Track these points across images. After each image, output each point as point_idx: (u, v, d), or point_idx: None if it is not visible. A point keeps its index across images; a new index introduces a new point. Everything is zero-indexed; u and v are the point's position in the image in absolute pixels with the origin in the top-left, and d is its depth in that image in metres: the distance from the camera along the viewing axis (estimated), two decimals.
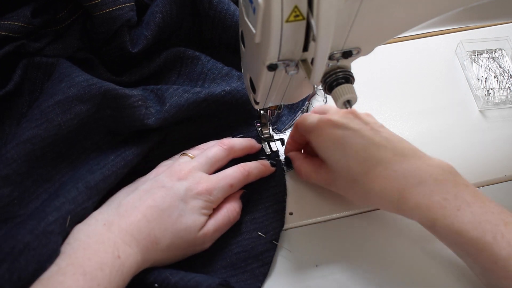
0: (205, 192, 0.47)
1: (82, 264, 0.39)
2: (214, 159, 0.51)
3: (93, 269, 0.39)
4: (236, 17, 0.59)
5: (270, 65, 0.38)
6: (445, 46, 0.68)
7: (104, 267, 0.40)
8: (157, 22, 0.57)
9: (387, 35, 0.41)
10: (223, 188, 0.49)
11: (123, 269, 0.41)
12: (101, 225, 0.43)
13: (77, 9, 0.57)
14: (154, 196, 0.45)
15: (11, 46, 0.52)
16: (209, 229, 0.47)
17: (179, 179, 0.47)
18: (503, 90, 0.63)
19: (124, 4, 0.55)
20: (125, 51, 0.56)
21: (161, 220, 0.44)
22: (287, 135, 0.58)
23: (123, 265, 0.41)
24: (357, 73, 0.42)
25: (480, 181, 0.57)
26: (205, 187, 0.47)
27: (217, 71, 0.58)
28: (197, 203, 0.47)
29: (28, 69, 0.53)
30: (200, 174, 0.48)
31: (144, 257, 0.43)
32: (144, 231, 0.43)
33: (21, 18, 0.52)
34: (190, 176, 0.48)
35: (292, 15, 0.34)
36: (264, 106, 0.50)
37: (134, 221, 0.43)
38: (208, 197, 0.47)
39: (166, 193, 0.46)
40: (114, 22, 0.55)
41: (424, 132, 0.61)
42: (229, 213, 0.50)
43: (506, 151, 0.59)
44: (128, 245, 0.42)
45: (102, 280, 0.39)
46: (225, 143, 0.52)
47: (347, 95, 0.40)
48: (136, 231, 0.43)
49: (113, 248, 0.41)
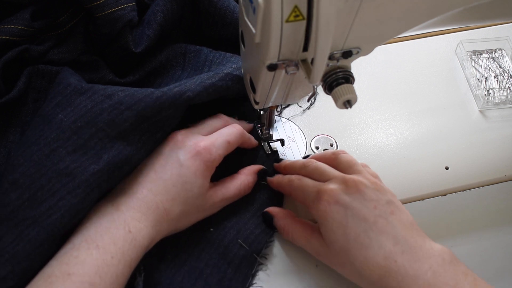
0: (203, 151, 0.47)
1: (95, 239, 0.41)
2: (211, 125, 0.51)
3: (106, 244, 0.41)
4: (236, 14, 0.59)
5: (270, 65, 0.38)
6: (445, 46, 0.68)
7: (117, 241, 0.41)
8: (159, 21, 0.57)
9: (387, 35, 0.41)
10: (222, 145, 0.48)
11: (135, 243, 0.42)
12: (110, 206, 0.44)
13: (78, 13, 0.57)
14: (154, 167, 0.46)
15: (14, 52, 0.51)
16: (217, 197, 0.48)
17: (175, 145, 0.47)
18: (503, 90, 0.63)
19: (126, 4, 0.55)
20: (128, 51, 0.56)
21: (167, 191, 0.45)
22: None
23: (135, 239, 0.42)
24: (357, 73, 0.42)
25: (480, 181, 0.57)
26: (203, 145, 0.47)
27: (221, 56, 0.57)
28: (199, 165, 0.46)
29: (33, 77, 0.53)
30: (196, 136, 0.48)
31: (156, 230, 0.44)
32: (152, 205, 0.44)
33: (20, 21, 0.52)
34: (186, 139, 0.47)
35: (292, 15, 0.34)
36: (264, 106, 0.50)
37: (140, 197, 0.44)
38: (208, 156, 0.47)
39: (165, 161, 0.46)
40: (116, 23, 0.55)
41: (424, 132, 0.61)
42: (241, 185, 0.50)
43: (506, 151, 0.59)
44: (138, 221, 0.43)
45: (115, 253, 0.40)
46: (222, 116, 0.53)
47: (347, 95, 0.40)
48: (144, 206, 0.44)
49: (124, 225, 0.42)
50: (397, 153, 0.59)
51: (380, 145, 0.60)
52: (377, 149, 0.59)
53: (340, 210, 0.45)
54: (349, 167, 0.49)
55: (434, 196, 0.56)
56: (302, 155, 0.58)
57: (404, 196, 0.56)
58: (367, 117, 0.62)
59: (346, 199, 0.45)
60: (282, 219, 0.51)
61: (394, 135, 0.60)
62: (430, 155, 0.59)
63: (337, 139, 0.60)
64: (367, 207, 0.45)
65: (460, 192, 0.57)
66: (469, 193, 0.56)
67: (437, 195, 0.56)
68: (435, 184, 0.57)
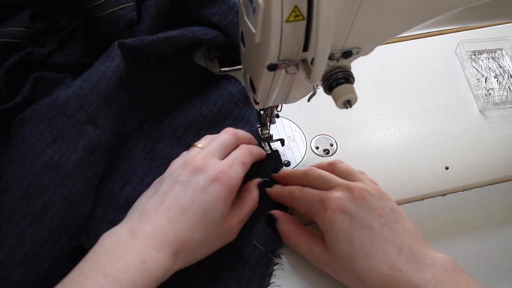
0: (224, 176, 0.45)
1: (105, 267, 0.39)
2: (225, 144, 0.50)
3: (116, 272, 0.39)
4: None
5: (270, 65, 0.38)
6: (445, 46, 0.68)
7: (128, 270, 0.39)
8: (152, 16, 0.57)
9: (387, 35, 0.41)
10: (239, 167, 0.48)
11: (148, 273, 0.40)
12: (126, 233, 0.42)
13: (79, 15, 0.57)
14: (174, 194, 0.44)
15: (17, 56, 0.51)
16: (234, 221, 0.47)
17: (195, 170, 0.45)
18: (503, 90, 0.63)
19: (126, 4, 0.55)
20: None
21: (187, 219, 0.43)
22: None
23: (148, 269, 0.40)
24: (357, 73, 0.42)
25: (480, 181, 0.57)
26: (223, 170, 0.46)
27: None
28: (220, 191, 0.45)
29: (38, 84, 0.53)
30: (215, 160, 0.47)
31: (174, 260, 0.42)
32: (171, 234, 0.42)
33: (19, 23, 0.52)
34: (205, 164, 0.46)
35: (292, 15, 0.34)
36: (264, 106, 0.50)
37: (159, 225, 0.42)
38: (229, 181, 0.45)
39: (185, 188, 0.44)
40: (117, 22, 0.55)
41: (424, 132, 0.61)
42: (251, 202, 0.50)
43: (506, 151, 0.59)
44: (155, 250, 0.41)
45: (125, 282, 0.38)
46: (230, 130, 0.52)
47: (347, 95, 0.40)
48: (162, 235, 0.42)
49: (139, 254, 0.40)
50: (397, 153, 0.59)
51: (380, 145, 0.60)
52: (377, 149, 0.59)
53: (346, 219, 0.44)
54: (348, 175, 0.49)
55: (434, 196, 0.56)
56: (302, 155, 0.58)
57: (404, 196, 0.56)
58: (367, 117, 0.62)
59: (351, 207, 0.45)
60: (285, 224, 0.50)
61: (394, 135, 0.60)
62: (430, 155, 0.59)
63: (337, 139, 0.60)
64: (373, 215, 0.44)
65: (460, 192, 0.57)
66: (469, 193, 0.56)
67: (437, 195, 0.56)
68: (435, 184, 0.57)
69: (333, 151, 0.59)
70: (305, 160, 0.58)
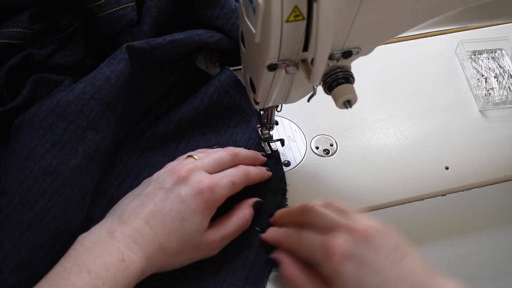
0: (207, 189, 0.45)
1: (87, 264, 0.39)
2: (218, 161, 0.49)
3: (98, 269, 0.39)
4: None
5: (270, 65, 0.38)
6: (445, 46, 0.68)
7: (109, 267, 0.40)
8: (153, 17, 0.57)
9: (387, 35, 0.41)
10: (226, 185, 0.47)
11: (128, 272, 0.40)
12: (105, 233, 0.42)
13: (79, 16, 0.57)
14: (155, 199, 0.45)
15: (18, 58, 0.51)
16: (215, 236, 0.47)
17: (179, 179, 0.46)
18: (503, 90, 0.63)
19: (127, 4, 0.55)
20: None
21: (164, 225, 0.44)
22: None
23: (128, 268, 0.41)
24: (357, 73, 0.42)
25: (480, 181, 0.57)
26: (207, 184, 0.46)
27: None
28: (199, 204, 0.45)
29: (38, 85, 0.53)
30: (201, 173, 0.47)
31: (149, 263, 0.43)
32: (147, 237, 0.43)
33: (19, 24, 0.52)
34: (191, 175, 0.46)
35: (292, 15, 0.34)
36: (264, 106, 0.50)
37: (136, 228, 0.43)
38: (210, 195, 0.46)
39: (167, 195, 0.45)
40: (118, 22, 0.55)
41: (424, 132, 0.61)
42: (239, 220, 0.49)
43: (506, 151, 0.59)
44: (132, 251, 0.42)
45: (107, 279, 0.39)
46: (230, 149, 0.52)
47: (347, 95, 0.40)
48: (139, 237, 0.42)
49: (117, 253, 0.41)
50: (397, 153, 0.59)
51: (380, 145, 0.60)
52: (377, 149, 0.59)
53: (353, 266, 0.42)
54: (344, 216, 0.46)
55: (434, 196, 0.56)
56: (302, 155, 0.58)
57: (404, 196, 0.56)
58: (367, 117, 0.62)
59: (356, 252, 0.42)
60: (290, 269, 0.47)
61: (394, 135, 0.60)
62: (430, 155, 0.59)
63: (337, 139, 0.60)
64: (379, 256, 0.42)
65: (460, 192, 0.56)
66: (469, 193, 0.56)
67: (437, 195, 0.56)
68: (435, 184, 0.57)
69: (333, 151, 0.59)
70: (305, 160, 0.58)
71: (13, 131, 0.47)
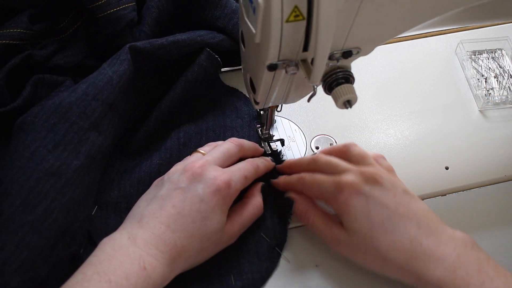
0: (224, 185, 0.45)
1: (108, 273, 0.39)
2: (227, 154, 0.50)
3: (119, 278, 0.39)
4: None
5: (270, 65, 0.38)
6: (445, 46, 0.68)
7: (130, 276, 0.39)
8: (154, 17, 0.57)
9: (387, 35, 0.41)
10: (240, 180, 0.47)
11: (149, 280, 0.40)
12: (126, 239, 0.42)
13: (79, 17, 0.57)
14: (173, 201, 0.44)
15: (18, 59, 0.51)
16: (235, 228, 0.47)
17: (194, 177, 0.45)
18: (503, 90, 0.63)
19: (127, 4, 0.55)
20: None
21: (186, 228, 0.43)
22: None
23: (149, 276, 0.40)
24: (357, 73, 0.42)
25: (480, 181, 0.57)
26: (223, 180, 0.45)
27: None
28: (218, 201, 0.45)
29: (38, 86, 0.53)
30: (215, 168, 0.47)
31: (172, 268, 0.42)
32: (169, 242, 0.42)
33: (19, 24, 0.52)
34: (205, 171, 0.46)
35: (292, 15, 0.34)
36: (264, 106, 0.50)
37: (158, 233, 0.42)
38: (227, 191, 0.46)
39: (184, 196, 0.44)
40: (118, 23, 0.55)
41: (424, 132, 0.61)
42: (254, 209, 0.50)
43: (506, 151, 0.59)
44: (154, 258, 0.41)
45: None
46: (235, 140, 0.52)
47: (347, 95, 0.40)
48: (161, 243, 0.42)
49: (139, 260, 0.40)
50: (397, 153, 0.59)
51: (380, 145, 0.60)
52: (377, 149, 0.59)
53: (362, 199, 0.45)
54: (361, 159, 0.49)
55: (434, 196, 0.56)
56: (302, 155, 0.58)
57: None
58: (367, 117, 0.62)
59: (365, 189, 0.45)
60: (303, 205, 0.50)
61: (394, 135, 0.60)
62: (430, 155, 0.59)
63: (337, 139, 0.60)
64: (387, 195, 0.45)
65: (460, 192, 0.57)
66: (469, 193, 0.56)
67: (437, 195, 0.56)
68: (435, 184, 0.57)
69: None
70: None
71: (15, 132, 0.47)
